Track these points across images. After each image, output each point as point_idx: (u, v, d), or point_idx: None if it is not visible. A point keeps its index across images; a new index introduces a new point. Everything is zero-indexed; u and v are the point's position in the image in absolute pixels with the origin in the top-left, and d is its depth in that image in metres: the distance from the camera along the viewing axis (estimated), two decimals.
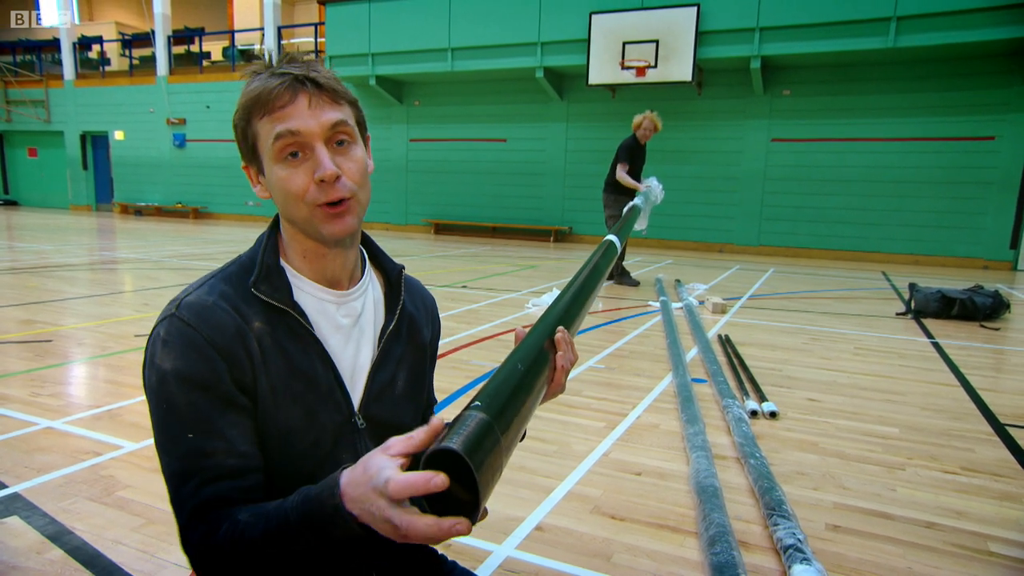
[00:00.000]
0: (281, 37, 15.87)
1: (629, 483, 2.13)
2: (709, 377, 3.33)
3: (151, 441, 2.29)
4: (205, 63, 17.29)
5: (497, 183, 13.78)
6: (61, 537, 1.69)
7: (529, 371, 0.78)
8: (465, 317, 4.82)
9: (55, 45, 18.77)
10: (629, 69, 11.11)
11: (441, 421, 0.64)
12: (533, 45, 11.96)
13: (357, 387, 0.91)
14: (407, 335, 0.99)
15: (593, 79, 11.51)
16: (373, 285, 0.97)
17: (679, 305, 5.46)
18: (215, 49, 17.88)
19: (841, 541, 1.80)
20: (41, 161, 19.82)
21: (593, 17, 11.23)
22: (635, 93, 11.97)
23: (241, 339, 0.81)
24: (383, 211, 14.82)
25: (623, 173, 6.41)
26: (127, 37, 18.70)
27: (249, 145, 0.84)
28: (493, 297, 5.83)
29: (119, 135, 18.00)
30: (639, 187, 6.17)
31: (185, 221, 16.20)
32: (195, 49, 17.46)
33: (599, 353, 3.85)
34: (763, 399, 2.97)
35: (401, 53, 13.02)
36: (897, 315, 5.52)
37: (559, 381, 0.90)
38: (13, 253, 8.28)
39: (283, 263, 0.88)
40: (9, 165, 20.43)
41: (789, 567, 1.57)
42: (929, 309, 5.40)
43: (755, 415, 2.82)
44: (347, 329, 0.91)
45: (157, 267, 7.36)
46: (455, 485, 0.59)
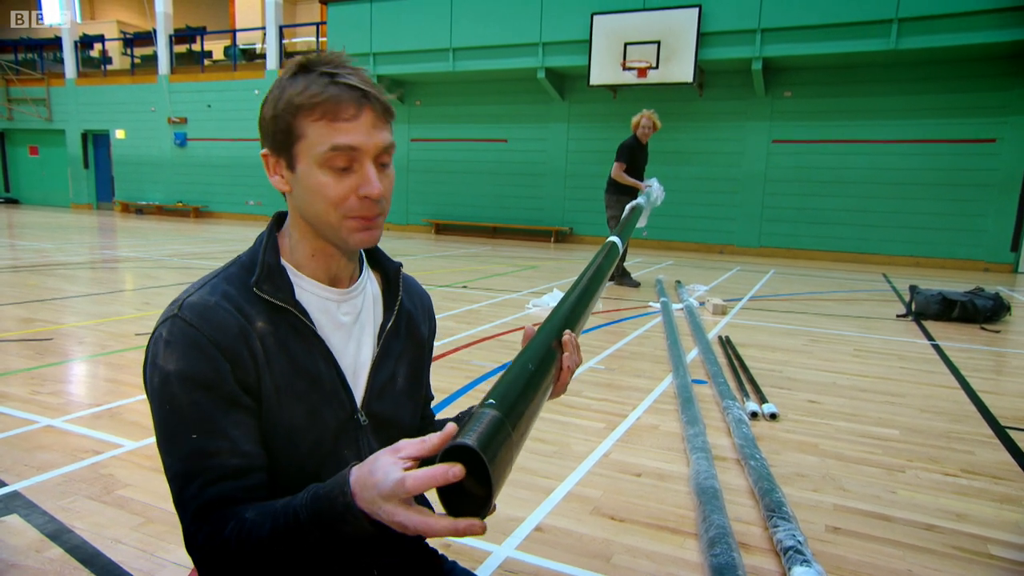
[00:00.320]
0: (283, 36, 15.87)
1: (629, 484, 2.13)
2: (709, 378, 3.33)
3: (151, 440, 2.28)
4: (206, 62, 17.30)
5: (498, 183, 13.78)
6: (60, 535, 1.69)
7: (538, 370, 0.80)
8: (465, 317, 4.82)
9: (57, 43, 18.77)
10: (630, 70, 11.12)
11: (455, 427, 0.65)
12: (535, 45, 11.96)
13: (359, 384, 0.92)
14: (406, 332, 1.00)
15: (594, 80, 11.52)
16: (371, 282, 0.98)
17: (679, 306, 5.45)
18: (216, 48, 17.89)
19: (841, 543, 1.80)
20: (42, 159, 19.83)
21: (595, 18, 11.23)
22: (636, 94, 11.97)
23: (244, 339, 0.81)
24: None
25: (621, 172, 6.41)
26: (129, 36, 18.70)
27: (285, 138, 0.82)
28: (493, 297, 5.83)
29: (120, 134, 18.01)
30: (640, 185, 6.17)
31: (186, 220, 16.20)
32: (196, 48, 17.48)
33: (600, 354, 3.85)
34: (763, 400, 2.97)
35: (403, 53, 13.03)
36: (898, 317, 5.52)
37: (564, 381, 0.92)
38: (14, 251, 8.28)
39: (284, 262, 0.88)
40: (10, 163, 20.44)
41: (789, 569, 1.57)
42: (930, 311, 5.39)
43: (755, 416, 2.82)
44: (348, 327, 0.92)
45: (158, 266, 7.36)
46: (468, 480, 0.61)
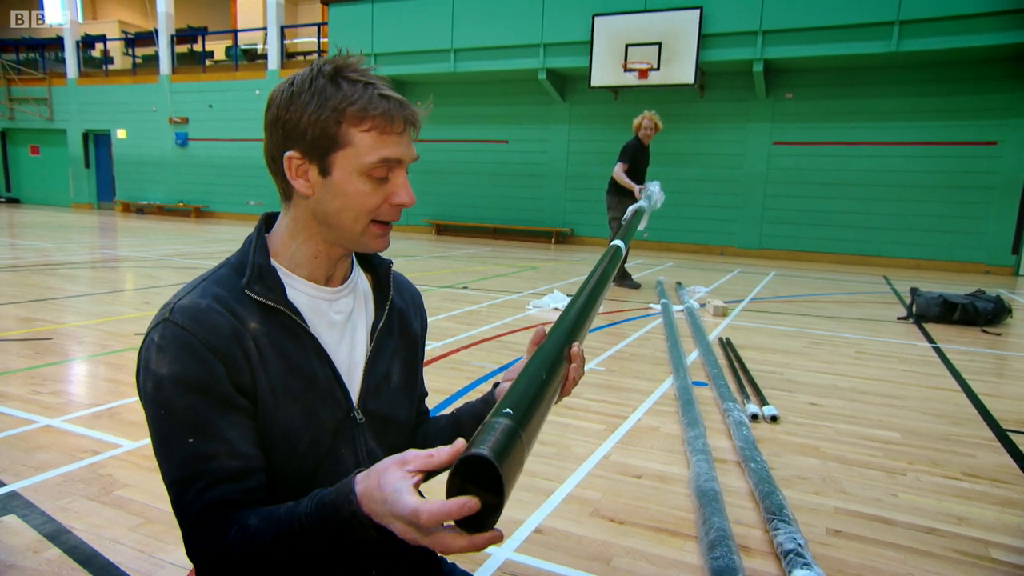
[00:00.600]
0: (284, 37, 15.88)
1: (629, 486, 2.13)
2: (710, 380, 3.32)
3: (150, 441, 2.28)
4: (208, 62, 17.31)
5: (499, 184, 13.78)
6: (59, 536, 1.68)
7: (549, 380, 0.81)
8: (466, 318, 4.81)
9: (58, 43, 18.78)
10: (631, 71, 11.12)
11: (463, 443, 0.65)
12: (536, 47, 11.97)
13: (354, 382, 0.92)
14: (398, 329, 1.00)
15: (595, 81, 11.51)
16: (361, 280, 0.98)
17: (680, 308, 5.45)
18: (218, 48, 17.90)
19: (842, 546, 1.79)
20: (43, 159, 19.84)
21: (596, 19, 11.24)
22: (637, 95, 11.96)
23: (237, 340, 0.80)
24: None
25: (621, 172, 6.41)
26: (130, 36, 18.72)
27: (326, 144, 0.81)
28: (494, 298, 5.82)
29: (121, 133, 18.02)
30: (634, 187, 6.16)
31: (187, 220, 16.21)
32: (198, 48, 17.49)
33: (600, 355, 3.85)
34: (764, 403, 2.96)
35: (404, 54, 13.03)
36: (899, 319, 5.51)
37: (568, 391, 0.92)
38: (14, 251, 8.28)
39: (274, 263, 0.88)
40: (11, 163, 20.45)
41: (789, 572, 1.56)
42: (931, 314, 5.39)
43: (756, 419, 2.81)
44: (340, 325, 0.92)
45: (158, 265, 7.36)
46: (478, 489, 0.61)
